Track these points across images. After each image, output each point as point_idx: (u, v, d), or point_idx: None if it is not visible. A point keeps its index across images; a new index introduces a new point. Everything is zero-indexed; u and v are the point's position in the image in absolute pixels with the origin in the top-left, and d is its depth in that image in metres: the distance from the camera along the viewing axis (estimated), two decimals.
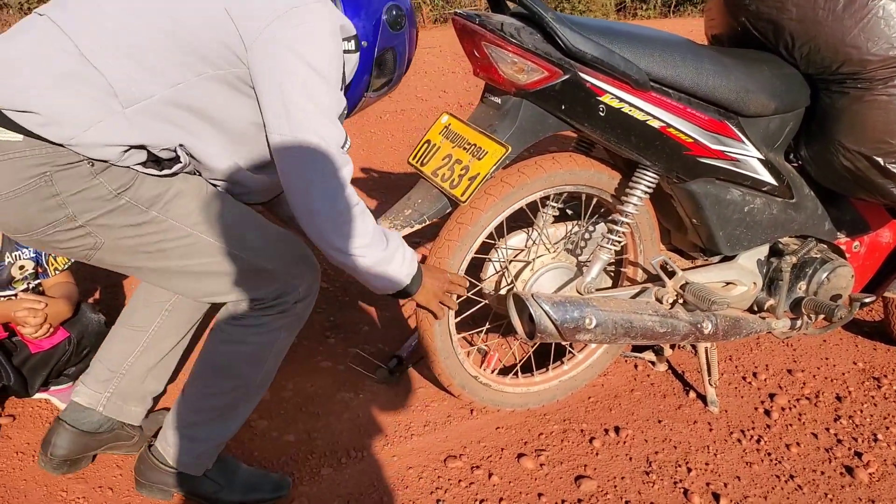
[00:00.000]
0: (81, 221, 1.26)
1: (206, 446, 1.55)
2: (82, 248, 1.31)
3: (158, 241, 1.33)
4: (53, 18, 1.23)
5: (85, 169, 1.23)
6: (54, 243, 1.30)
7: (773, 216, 1.88)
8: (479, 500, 1.69)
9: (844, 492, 1.81)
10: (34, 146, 1.20)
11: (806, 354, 2.40)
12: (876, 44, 1.64)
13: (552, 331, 1.56)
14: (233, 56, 1.28)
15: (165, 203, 1.32)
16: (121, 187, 1.27)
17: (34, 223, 1.25)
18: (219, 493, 1.59)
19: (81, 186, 1.24)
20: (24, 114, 1.19)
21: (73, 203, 1.24)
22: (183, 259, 1.37)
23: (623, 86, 1.55)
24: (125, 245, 1.32)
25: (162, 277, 1.41)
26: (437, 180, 1.63)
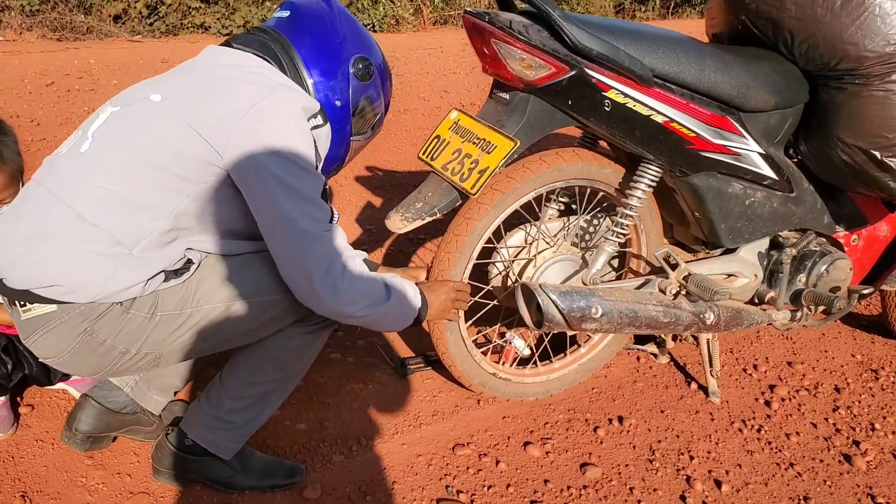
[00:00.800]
0: (135, 350, 1.39)
1: (242, 431, 1.61)
2: (147, 363, 1.43)
3: (205, 327, 1.43)
4: (49, 188, 1.34)
5: (116, 311, 1.34)
6: (125, 371, 1.44)
7: (774, 210, 1.92)
8: (488, 486, 1.74)
9: (843, 479, 1.86)
10: (68, 310, 1.32)
11: (805, 347, 2.45)
12: (873, 40, 1.69)
13: (559, 320, 1.61)
14: (211, 167, 1.35)
15: (192, 297, 1.41)
16: (150, 308, 1.37)
17: (100, 367, 1.40)
18: (235, 478, 1.63)
19: (120, 326, 1.35)
20: (49, 288, 1.30)
21: (121, 341, 1.36)
22: (233, 327, 1.47)
23: (628, 81, 1.59)
24: (180, 343, 1.43)
25: (227, 346, 1.52)
26: (447, 174, 1.67)
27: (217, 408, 1.58)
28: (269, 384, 1.59)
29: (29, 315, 1.34)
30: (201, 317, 1.42)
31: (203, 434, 1.58)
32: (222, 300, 1.44)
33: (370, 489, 1.69)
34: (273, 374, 1.58)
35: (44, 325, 1.33)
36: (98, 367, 1.40)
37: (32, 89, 4.33)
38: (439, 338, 1.80)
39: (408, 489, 1.70)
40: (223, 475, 1.63)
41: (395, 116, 4.62)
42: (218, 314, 1.44)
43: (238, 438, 1.62)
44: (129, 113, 1.39)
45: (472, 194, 1.61)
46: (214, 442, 1.59)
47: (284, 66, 1.47)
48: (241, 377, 1.58)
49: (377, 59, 1.59)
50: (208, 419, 1.58)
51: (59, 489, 1.60)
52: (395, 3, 8.84)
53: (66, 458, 1.69)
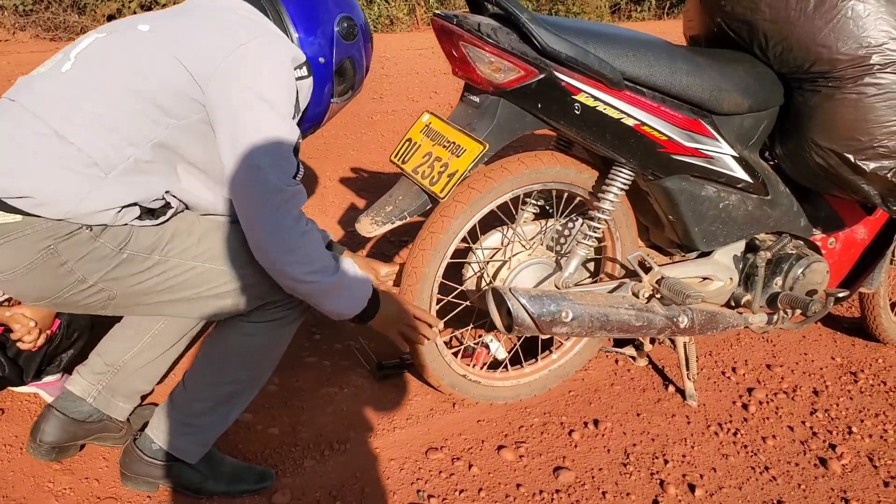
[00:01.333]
0: (92, 281, 1.34)
1: (209, 434, 1.60)
2: (99, 301, 1.39)
3: (166, 280, 1.41)
4: (24, 104, 1.30)
5: (85, 235, 1.30)
6: (73, 303, 1.38)
7: (749, 213, 1.92)
8: (459, 490, 1.73)
9: (817, 482, 1.85)
10: (34, 224, 1.27)
11: (785, 350, 2.44)
12: (845, 43, 1.68)
13: (529, 324, 1.60)
14: (192, 102, 1.34)
15: (164, 245, 1.39)
16: (120, 243, 1.34)
17: (50, 291, 1.34)
18: (204, 484, 1.62)
19: (85, 251, 1.31)
20: (18, 199, 1.25)
21: (81, 267, 1.32)
22: (193, 288, 1.44)
23: (598, 84, 1.59)
24: (137, 290, 1.40)
25: (179, 309, 1.49)
26: (417, 177, 1.66)
27: (181, 411, 1.57)
28: (235, 385, 1.58)
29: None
30: (167, 268, 1.40)
31: (168, 439, 1.57)
32: (191, 258, 1.42)
33: (340, 494, 1.68)
34: (238, 374, 1.57)
35: (3, 235, 1.27)
36: (47, 291, 1.34)
37: None
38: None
39: (378, 494, 1.70)
40: (192, 480, 1.62)
41: (382, 117, 4.61)
42: (183, 271, 1.41)
43: (205, 442, 1.61)
44: (115, 39, 1.37)
45: (441, 198, 1.61)
46: (180, 446, 1.58)
47: (271, 19, 1.47)
48: (205, 379, 1.56)
49: (360, 20, 1.58)
50: (173, 423, 1.57)
51: (25, 494, 1.59)
52: (390, 3, 8.82)
53: (33, 462, 1.68)
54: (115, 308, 1.43)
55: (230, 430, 1.82)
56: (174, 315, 1.54)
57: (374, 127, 4.45)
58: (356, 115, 4.54)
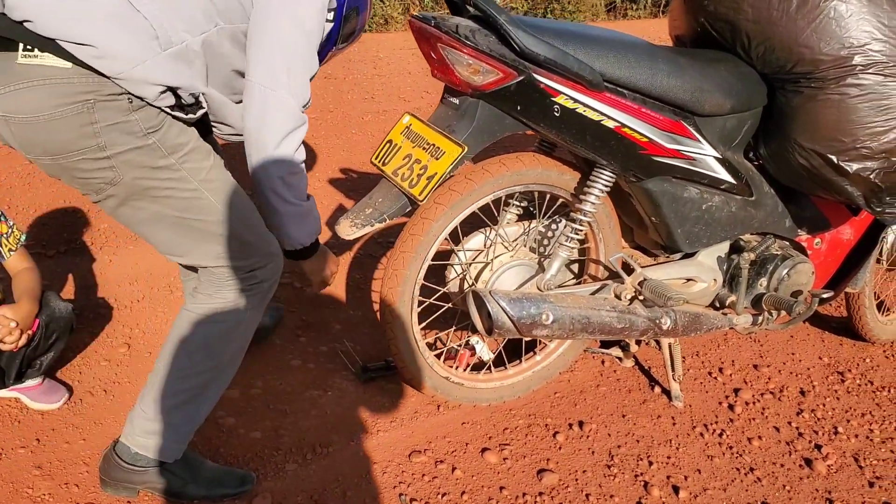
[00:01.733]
0: (109, 153, 1.34)
1: (183, 430, 1.60)
2: (100, 180, 1.38)
3: (168, 188, 1.43)
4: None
5: (124, 104, 1.32)
6: (76, 171, 1.36)
7: (733, 214, 1.91)
8: (442, 493, 1.72)
9: (802, 483, 1.85)
10: (83, 75, 1.28)
11: (772, 350, 2.44)
12: (828, 44, 1.68)
13: (509, 326, 1.60)
14: (243, 12, 1.47)
15: (184, 154, 1.43)
16: (151, 128, 1.37)
17: (66, 147, 1.32)
18: (185, 488, 1.61)
19: (118, 119, 1.32)
20: (80, 46, 1.26)
21: (107, 133, 1.32)
22: (184, 211, 1.46)
23: (577, 86, 1.58)
24: (138, 185, 1.40)
25: (157, 225, 1.48)
26: (396, 180, 1.66)
27: (152, 410, 1.55)
28: (201, 376, 1.58)
29: (32, 62, 1.26)
30: (174, 177, 1.42)
31: (143, 441, 1.56)
32: (198, 181, 1.46)
33: (322, 498, 1.67)
34: (203, 364, 1.57)
35: (43, 77, 1.26)
36: (60, 146, 1.32)
37: None
38: (392, 339, 1.78)
39: (360, 497, 1.69)
40: (172, 485, 1.61)
41: (373, 117, 4.60)
42: (186, 188, 1.45)
43: (180, 439, 1.60)
44: None
45: (420, 201, 1.60)
46: (156, 447, 1.56)
47: None
48: (170, 374, 1.56)
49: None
50: (145, 424, 1.56)
51: (4, 499, 1.59)
52: (385, 3, 8.81)
53: (12, 468, 1.67)
54: (106, 198, 1.42)
55: (211, 434, 1.83)
56: (151, 237, 1.52)
57: (364, 127, 4.44)
58: (347, 115, 4.53)
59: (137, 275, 2.59)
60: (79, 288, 2.49)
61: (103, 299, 2.42)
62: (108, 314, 2.34)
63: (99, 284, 2.52)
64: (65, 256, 2.69)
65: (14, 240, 1.83)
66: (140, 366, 2.09)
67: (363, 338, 2.32)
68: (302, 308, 2.48)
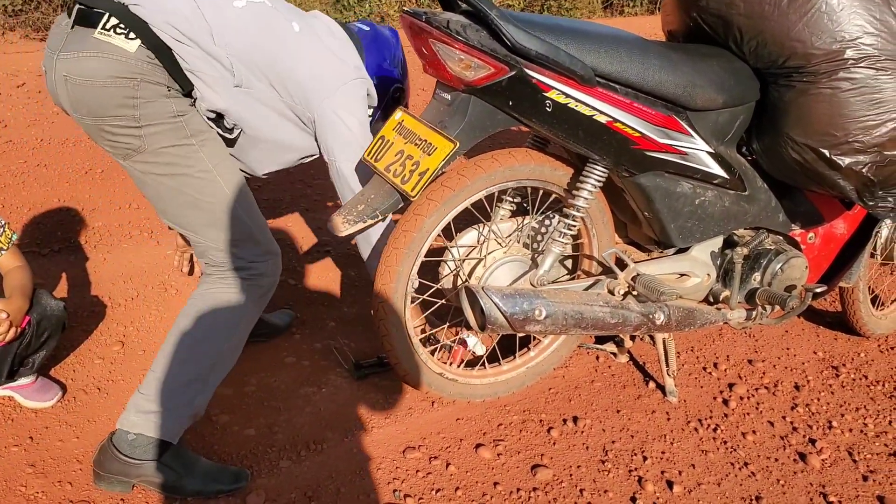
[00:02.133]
0: (140, 123, 1.55)
1: (179, 414, 1.63)
2: (128, 146, 1.58)
3: (186, 166, 1.61)
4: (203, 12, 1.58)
5: (164, 90, 1.56)
6: (109, 134, 1.56)
7: (726, 208, 1.91)
8: (436, 489, 1.72)
9: (796, 477, 1.85)
10: (140, 60, 1.52)
11: (767, 345, 2.44)
12: (820, 38, 1.67)
13: (502, 322, 1.59)
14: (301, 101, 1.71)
15: (204, 140, 1.63)
16: (181, 112, 1.59)
17: (106, 111, 1.53)
18: (179, 482, 1.62)
19: (155, 98, 1.55)
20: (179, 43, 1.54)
21: (143, 107, 1.54)
22: (196, 191, 1.63)
23: (569, 81, 1.58)
24: (159, 157, 1.59)
25: (171, 196, 1.64)
26: (389, 176, 1.65)
27: (152, 391, 1.60)
28: (202, 363, 1.65)
29: (106, 38, 1.50)
30: (193, 156, 1.61)
31: (136, 419, 1.59)
32: (213, 165, 1.64)
33: (316, 494, 1.67)
34: (203, 351, 1.65)
35: (110, 52, 1.49)
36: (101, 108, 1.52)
37: (2, 90, 4.30)
38: (385, 335, 1.78)
39: (354, 494, 1.69)
40: (168, 479, 1.61)
41: None
42: (201, 170, 1.62)
43: (176, 422, 1.62)
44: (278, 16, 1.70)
45: (412, 197, 1.60)
46: (150, 425, 1.59)
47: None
48: (172, 358, 1.62)
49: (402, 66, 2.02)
50: (143, 404, 1.60)
51: None
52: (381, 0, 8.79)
53: (6, 466, 1.67)
54: (132, 161, 1.60)
55: (206, 430, 1.83)
56: (163, 209, 1.68)
57: None
58: None
59: (131, 273, 2.59)
60: (73, 286, 2.49)
61: (97, 297, 2.42)
62: (102, 312, 2.33)
63: (93, 283, 2.52)
64: (59, 255, 2.69)
65: (6, 238, 1.83)
66: (134, 363, 2.09)
67: (357, 335, 2.32)
68: (296, 305, 2.48)
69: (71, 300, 2.38)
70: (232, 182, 1.68)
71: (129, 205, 3.15)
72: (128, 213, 3.08)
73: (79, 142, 3.72)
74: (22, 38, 6.73)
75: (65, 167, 3.46)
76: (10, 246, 1.84)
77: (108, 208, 3.11)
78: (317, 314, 2.44)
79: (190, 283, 2.53)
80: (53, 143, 3.68)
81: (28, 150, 3.54)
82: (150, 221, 3.02)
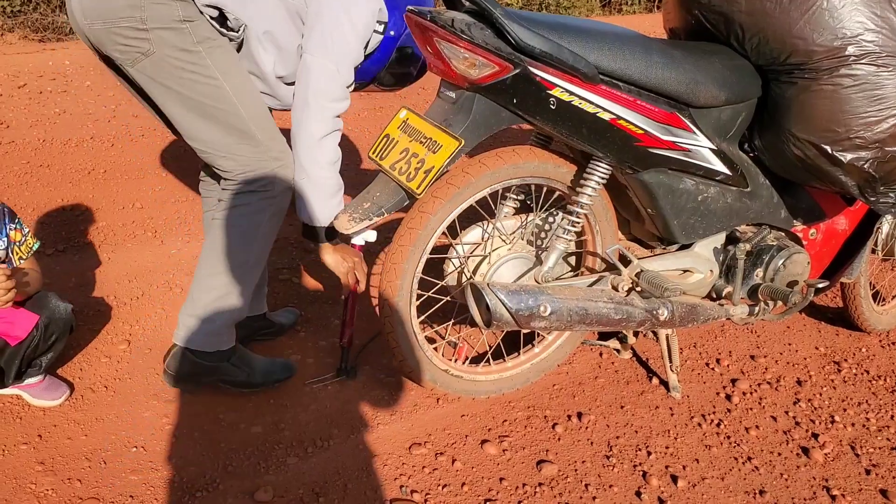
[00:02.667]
0: (147, 26, 1.60)
1: (217, 324, 1.84)
2: (136, 49, 1.63)
3: (192, 73, 1.66)
4: None
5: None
6: (119, 37, 1.62)
7: (728, 205, 1.92)
8: (443, 485, 1.74)
9: (799, 472, 1.87)
10: None
11: (769, 340, 2.45)
12: (821, 35, 1.69)
13: (508, 318, 1.61)
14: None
15: (211, 47, 1.67)
16: (187, 17, 1.63)
17: (114, 13, 1.59)
18: (249, 378, 1.93)
19: (161, 1, 1.59)
20: None
21: (149, 9, 1.59)
22: (202, 96, 1.69)
23: (572, 79, 1.59)
24: (167, 63, 1.65)
25: (177, 103, 1.71)
26: (394, 174, 1.67)
27: (194, 306, 1.82)
28: (227, 274, 1.80)
29: None
30: (200, 63, 1.65)
31: (186, 334, 1.83)
32: (221, 73, 1.68)
33: (323, 490, 1.69)
34: (226, 262, 1.80)
35: None
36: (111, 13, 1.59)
37: (3, 91, 4.30)
38: (391, 332, 1.79)
39: (361, 490, 1.70)
40: (237, 377, 1.91)
41: (369, 113, 4.61)
42: (208, 76, 1.67)
43: (218, 332, 1.85)
44: None
45: (418, 195, 1.61)
46: (197, 338, 1.83)
47: None
48: (203, 272, 1.82)
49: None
50: (190, 321, 1.83)
51: (6, 496, 1.60)
52: None
53: (15, 464, 1.68)
54: (140, 67, 1.65)
55: (212, 427, 1.85)
56: (174, 113, 1.73)
57: (360, 123, 4.45)
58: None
59: (136, 272, 2.60)
60: (78, 286, 2.50)
61: (103, 297, 2.43)
62: (107, 311, 2.34)
63: (98, 282, 2.53)
64: (63, 254, 2.70)
65: (26, 248, 1.84)
66: (140, 362, 2.10)
67: (362, 332, 2.33)
68: (301, 303, 2.49)
69: (76, 300, 2.39)
70: (240, 90, 1.72)
71: (132, 204, 3.16)
72: (131, 213, 3.09)
73: (81, 142, 3.73)
74: (21, 39, 6.73)
75: (67, 167, 3.47)
76: (29, 256, 1.85)
77: (111, 208, 3.12)
78: (321, 312, 2.45)
79: None
80: (56, 144, 3.68)
81: (30, 150, 3.55)
82: (154, 221, 3.03)
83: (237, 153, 1.75)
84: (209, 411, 1.91)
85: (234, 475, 1.71)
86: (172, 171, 3.52)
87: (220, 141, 1.74)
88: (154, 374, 2.05)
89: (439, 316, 2.04)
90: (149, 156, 3.68)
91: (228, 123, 1.72)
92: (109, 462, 1.72)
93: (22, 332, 1.76)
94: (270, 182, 1.79)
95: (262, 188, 1.79)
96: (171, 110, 1.73)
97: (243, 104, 1.72)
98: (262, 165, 1.77)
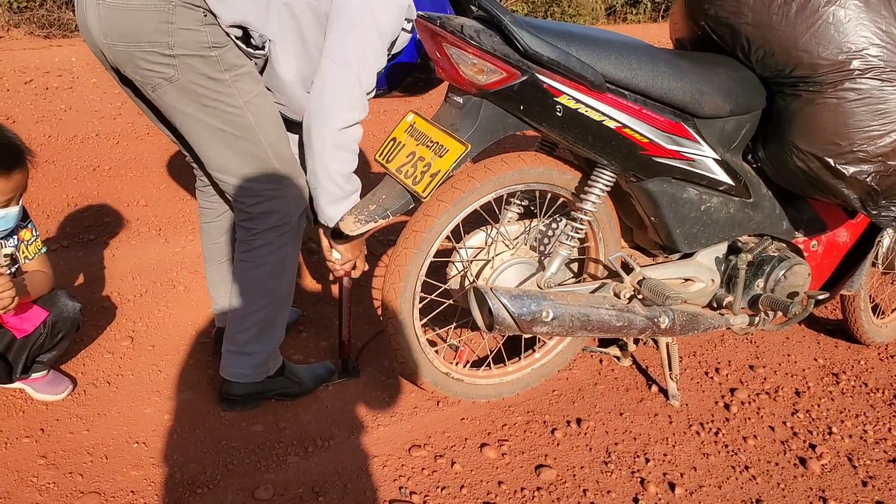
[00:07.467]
0: (174, 52, 1.53)
1: (262, 356, 1.88)
2: (160, 75, 1.56)
3: (216, 101, 1.62)
4: None
5: (200, 16, 1.53)
6: (142, 61, 1.54)
7: (731, 215, 1.93)
8: (441, 487, 1.75)
9: (796, 482, 1.87)
10: None
11: (768, 351, 2.46)
12: (826, 48, 1.70)
13: (510, 323, 1.62)
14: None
15: (238, 74, 1.62)
16: (216, 43, 1.57)
17: (141, 36, 1.51)
18: (302, 388, 1.99)
19: (190, 26, 1.52)
20: None
21: (178, 34, 1.52)
22: (225, 124, 1.65)
23: (579, 87, 1.60)
24: (192, 90, 1.59)
25: (197, 129, 1.66)
26: (400, 177, 1.68)
27: (236, 344, 1.85)
28: (262, 310, 1.83)
29: None
30: (225, 91, 1.61)
31: (231, 370, 1.88)
32: (244, 102, 1.64)
33: (323, 490, 1.70)
34: (260, 300, 1.82)
35: None
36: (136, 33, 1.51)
37: (10, 87, 4.32)
38: (393, 334, 1.80)
39: (361, 490, 1.71)
40: (291, 388, 1.97)
41: (374, 116, 4.62)
42: (232, 105, 1.63)
43: (263, 363, 1.88)
44: None
45: (423, 198, 1.62)
46: (242, 371, 1.87)
47: None
48: (238, 312, 1.83)
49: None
50: (234, 359, 1.87)
51: (8, 489, 1.61)
52: None
53: (17, 457, 1.69)
54: (162, 93, 1.59)
55: (214, 425, 1.86)
56: (193, 139, 1.69)
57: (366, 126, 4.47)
58: None
59: (140, 269, 2.62)
60: (82, 282, 2.51)
61: (106, 294, 2.44)
62: (111, 308, 2.36)
63: (102, 279, 2.55)
64: (67, 251, 2.71)
65: (34, 248, 1.85)
66: (143, 358, 2.12)
67: (364, 334, 2.34)
68: (302, 304, 2.50)
69: (80, 296, 2.40)
70: (262, 118, 1.68)
71: (136, 202, 3.18)
72: (136, 210, 3.10)
73: (87, 139, 3.75)
74: (27, 35, 6.75)
75: (73, 164, 3.48)
76: (36, 257, 1.85)
77: (116, 205, 3.13)
78: (323, 313, 2.46)
79: (198, 280, 2.56)
80: (61, 140, 3.70)
81: (36, 146, 3.56)
82: (159, 218, 3.05)
83: (254, 183, 1.72)
84: (211, 409, 1.92)
85: (235, 473, 1.72)
86: (177, 169, 3.54)
87: (237, 169, 1.70)
88: (156, 370, 2.06)
89: (441, 319, 2.05)
90: (154, 153, 3.70)
91: (246, 151, 1.68)
92: (111, 457, 1.73)
93: (30, 326, 1.77)
94: (287, 213, 1.77)
95: (280, 221, 1.77)
96: (189, 133, 1.68)
97: (264, 133, 1.69)
98: (277, 194, 1.74)
